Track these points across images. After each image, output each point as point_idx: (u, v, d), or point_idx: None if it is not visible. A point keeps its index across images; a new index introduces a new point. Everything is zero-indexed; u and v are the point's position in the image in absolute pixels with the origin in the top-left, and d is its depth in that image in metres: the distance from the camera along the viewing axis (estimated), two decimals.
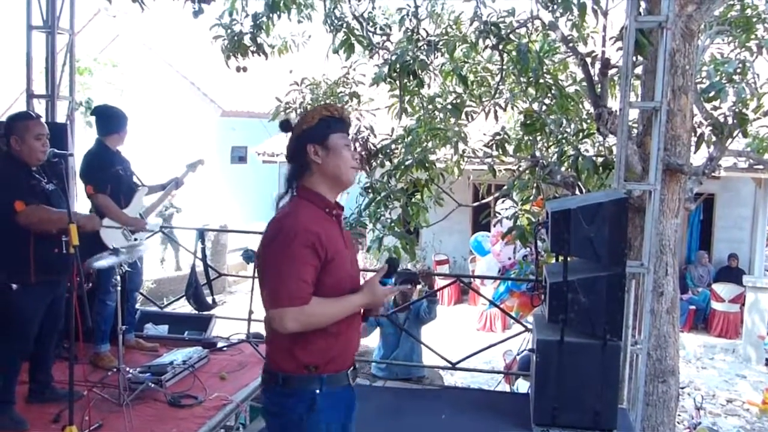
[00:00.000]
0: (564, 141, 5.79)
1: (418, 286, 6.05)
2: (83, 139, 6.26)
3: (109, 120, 4.83)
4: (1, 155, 3.87)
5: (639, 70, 4.95)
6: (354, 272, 2.47)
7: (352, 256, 2.50)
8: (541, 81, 5.74)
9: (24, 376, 4.05)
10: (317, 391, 2.34)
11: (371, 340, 6.43)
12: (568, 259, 3.81)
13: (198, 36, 15.80)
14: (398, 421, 4.37)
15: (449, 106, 5.89)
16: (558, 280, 3.82)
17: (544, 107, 6.06)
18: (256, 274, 2.44)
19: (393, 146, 5.84)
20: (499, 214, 6.36)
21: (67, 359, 4.40)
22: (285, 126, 2.45)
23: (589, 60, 5.15)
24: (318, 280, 2.30)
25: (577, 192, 5.55)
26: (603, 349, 3.80)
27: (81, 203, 5.05)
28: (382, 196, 5.49)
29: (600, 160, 5.28)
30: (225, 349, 5.14)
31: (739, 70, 5.73)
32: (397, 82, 5.84)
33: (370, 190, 5.57)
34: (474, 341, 10.13)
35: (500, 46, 5.63)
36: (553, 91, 5.84)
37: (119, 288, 4.14)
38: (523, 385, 6.48)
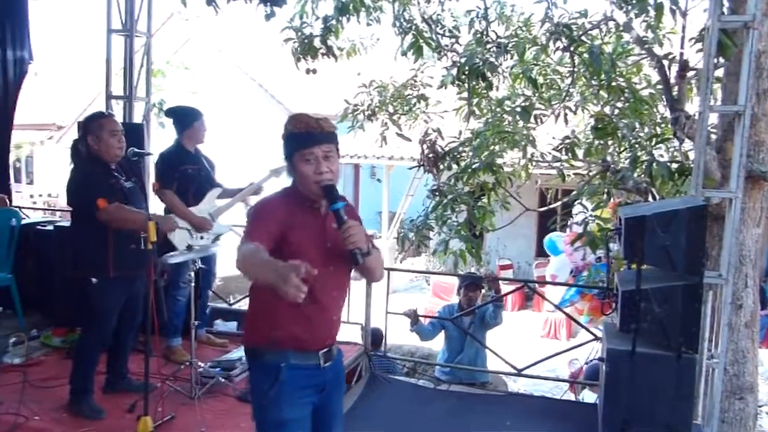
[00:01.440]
0: (637, 146, 5.62)
1: (483, 291, 5.99)
2: (156, 139, 6.46)
3: (178, 118, 4.96)
4: (82, 157, 4.01)
5: (719, 72, 4.77)
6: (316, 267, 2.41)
7: (327, 251, 2.51)
8: (614, 84, 5.60)
9: (101, 367, 4.19)
10: (282, 365, 2.45)
11: (435, 344, 6.41)
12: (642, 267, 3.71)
13: (266, 39, 16.11)
14: (463, 425, 4.34)
15: (518, 109, 5.81)
16: (631, 289, 3.72)
17: (616, 111, 5.91)
18: None
19: (461, 149, 5.79)
20: (571, 217, 6.22)
21: (142, 352, 4.55)
22: None
23: (666, 62, 5.00)
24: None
25: (650, 199, 5.39)
26: (677, 361, 3.68)
27: (155, 201, 5.18)
28: (449, 199, 5.46)
29: (675, 165, 5.12)
30: None
31: None
32: (466, 84, 5.80)
33: (437, 193, 5.54)
34: (538, 348, 9.98)
35: (572, 48, 5.52)
36: (626, 95, 5.69)
37: (193, 284, 4.24)
38: (588, 396, 6.34)
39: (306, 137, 2.47)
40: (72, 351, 4.59)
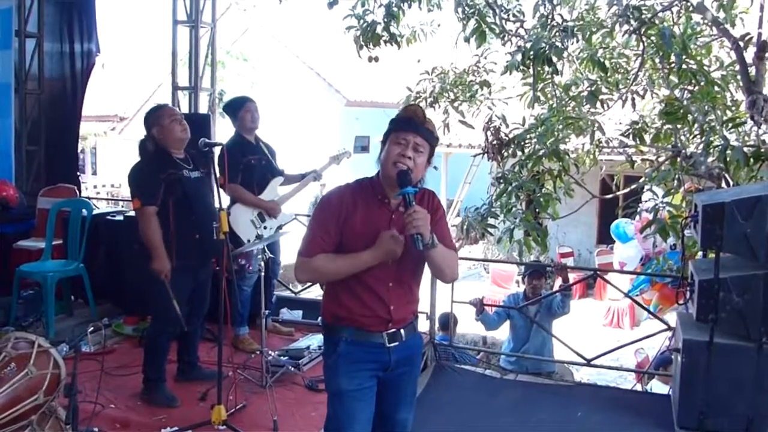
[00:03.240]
0: (710, 130, 5.42)
1: (548, 280, 5.91)
2: (219, 129, 6.55)
3: (228, 111, 5.02)
4: (148, 153, 4.07)
5: None
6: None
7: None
8: (685, 67, 5.40)
9: (172, 356, 4.28)
10: (343, 339, 2.61)
11: (501, 333, 6.35)
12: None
13: (323, 27, 16.17)
14: (533, 415, 4.29)
15: (584, 94, 5.66)
16: (709, 278, 3.62)
17: (687, 94, 5.69)
18: None
19: (525, 136, 5.68)
20: (638, 204, 6.04)
21: (210, 341, 4.65)
22: None
23: (742, 43, 4.80)
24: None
25: (723, 185, 5.20)
26: (758, 352, 3.58)
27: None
28: (513, 187, 5.36)
29: (749, 150, 4.91)
30: None
31: None
32: (531, 69, 5.67)
33: (501, 181, 5.45)
34: (601, 337, 9.82)
35: (641, 31, 5.34)
36: (697, 77, 5.48)
37: (263, 274, 4.29)
38: (657, 386, 6.19)
39: (406, 122, 2.58)
40: (143, 339, 4.71)
